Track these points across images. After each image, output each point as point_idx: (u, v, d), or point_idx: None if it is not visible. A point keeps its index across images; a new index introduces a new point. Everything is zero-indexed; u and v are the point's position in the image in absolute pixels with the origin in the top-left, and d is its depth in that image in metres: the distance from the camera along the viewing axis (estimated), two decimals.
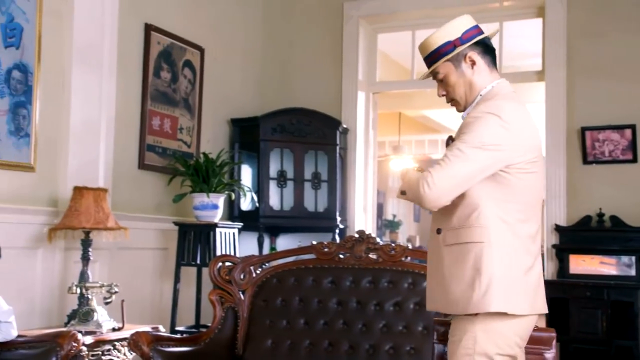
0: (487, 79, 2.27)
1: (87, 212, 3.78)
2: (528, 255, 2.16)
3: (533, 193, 2.20)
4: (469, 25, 2.29)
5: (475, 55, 2.26)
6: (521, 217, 2.16)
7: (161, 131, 4.92)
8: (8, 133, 3.81)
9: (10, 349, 3.12)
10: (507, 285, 2.10)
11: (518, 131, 2.13)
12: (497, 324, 2.10)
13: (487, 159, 2.10)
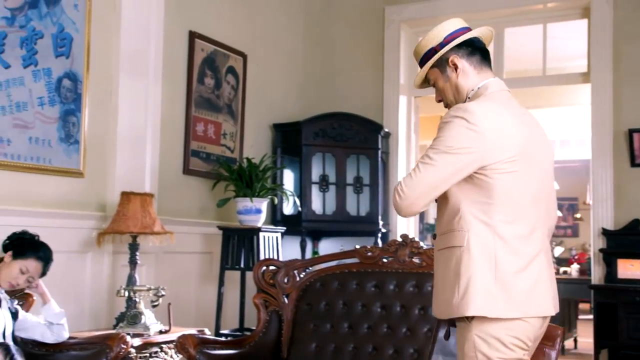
0: (474, 80, 2.23)
1: (134, 217, 3.85)
2: (516, 257, 2.08)
3: (519, 192, 2.12)
4: (452, 28, 2.25)
5: (458, 58, 2.23)
6: (505, 219, 2.09)
7: (205, 137, 4.99)
8: (59, 140, 3.91)
9: (62, 350, 3.20)
10: (486, 288, 2.05)
11: (488, 132, 2.06)
12: (491, 328, 2.06)
13: (455, 163, 2.07)
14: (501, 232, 2.09)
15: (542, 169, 2.21)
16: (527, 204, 2.14)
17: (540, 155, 2.21)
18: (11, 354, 2.87)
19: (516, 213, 2.12)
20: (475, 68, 2.24)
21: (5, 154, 3.63)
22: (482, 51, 2.26)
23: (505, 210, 2.10)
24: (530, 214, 2.15)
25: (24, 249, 3.13)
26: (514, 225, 2.11)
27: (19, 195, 3.71)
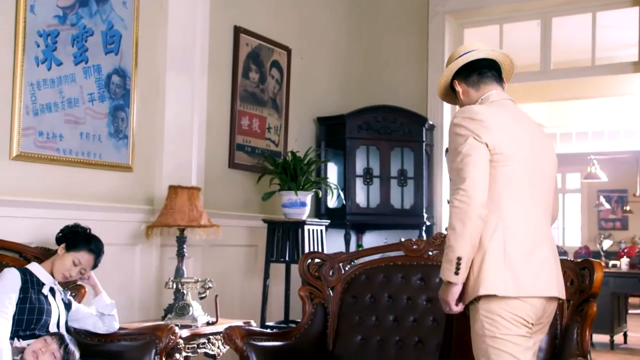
0: (474, 97, 2.52)
1: (181, 210, 3.91)
2: (521, 242, 2.31)
3: (520, 183, 2.35)
4: (455, 55, 2.56)
5: (457, 83, 2.55)
6: (510, 208, 2.33)
7: (250, 131, 5.04)
8: (108, 135, 4.00)
9: (113, 340, 3.28)
10: (494, 270, 2.27)
11: (492, 126, 2.34)
12: (494, 307, 2.26)
13: (480, 150, 2.31)
14: (507, 220, 2.30)
15: (542, 165, 2.45)
16: (530, 195, 2.37)
17: (541, 152, 2.45)
18: (65, 344, 2.95)
19: (520, 203, 2.34)
20: (474, 87, 2.52)
21: (58, 149, 3.73)
22: (479, 70, 2.52)
23: (509, 200, 2.32)
24: (532, 205, 2.37)
25: (76, 241, 3.22)
26: (519, 214, 2.32)
27: (71, 189, 3.80)
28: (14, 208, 3.48)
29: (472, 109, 2.40)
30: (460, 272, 2.27)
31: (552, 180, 2.51)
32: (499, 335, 2.26)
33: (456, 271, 2.28)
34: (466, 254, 2.26)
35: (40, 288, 3.08)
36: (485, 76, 2.53)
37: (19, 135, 3.52)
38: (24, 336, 2.95)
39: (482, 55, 2.54)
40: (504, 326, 2.26)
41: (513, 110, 2.49)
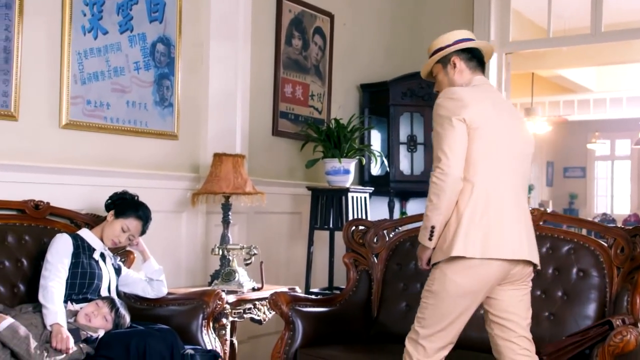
0: (467, 78, 2.72)
1: (226, 178, 3.94)
2: (482, 210, 2.52)
3: (491, 156, 2.56)
4: (461, 37, 2.77)
5: (458, 60, 2.73)
6: (478, 177, 2.54)
7: (293, 98, 5.03)
8: (154, 103, 4.04)
9: (161, 305, 3.35)
10: (457, 234, 2.51)
11: (469, 103, 2.53)
12: (456, 268, 2.51)
13: (457, 127, 2.52)
14: (482, 188, 2.52)
15: (517, 142, 2.67)
16: (504, 167, 2.59)
17: (516, 130, 2.69)
18: (116, 307, 3.03)
19: (495, 173, 2.56)
20: (470, 70, 2.73)
21: (105, 118, 3.78)
22: (478, 59, 2.76)
23: (485, 170, 2.54)
24: (506, 176, 2.59)
25: (125, 208, 3.28)
26: (493, 183, 2.55)
27: (118, 157, 3.87)
28: (65, 175, 3.55)
29: (451, 89, 2.62)
30: (433, 238, 2.56)
31: (528, 158, 2.76)
32: (446, 295, 2.53)
33: (430, 237, 2.56)
34: (439, 223, 2.54)
35: (91, 253, 3.16)
36: (480, 65, 2.77)
37: (67, 104, 3.59)
38: (77, 300, 3.04)
39: (481, 46, 2.80)
40: (455, 290, 2.52)
41: (492, 92, 2.76)
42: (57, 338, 2.75)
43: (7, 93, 3.32)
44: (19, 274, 3.15)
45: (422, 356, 2.59)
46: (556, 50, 7.82)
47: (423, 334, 2.60)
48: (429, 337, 2.59)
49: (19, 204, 3.28)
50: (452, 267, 2.52)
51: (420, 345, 2.60)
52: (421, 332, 2.60)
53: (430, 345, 2.59)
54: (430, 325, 2.58)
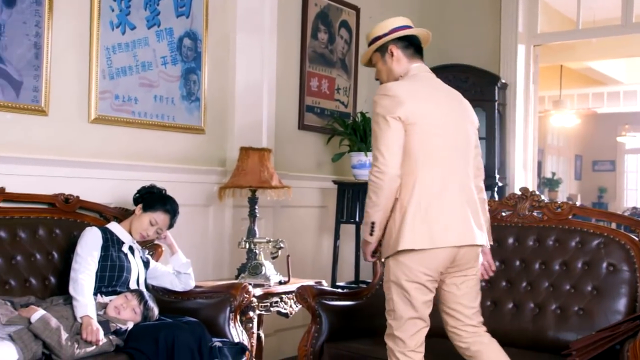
0: (405, 66, 2.76)
1: (253, 172, 3.95)
2: (424, 202, 2.58)
3: (431, 148, 2.62)
4: (397, 24, 2.78)
5: (395, 48, 2.76)
6: (419, 170, 2.60)
7: (319, 92, 5.03)
8: (181, 98, 4.07)
9: (189, 298, 3.38)
10: (402, 228, 2.58)
11: (405, 100, 2.59)
12: (407, 259, 2.58)
13: (392, 125, 2.59)
14: (423, 182, 2.59)
15: (459, 128, 2.72)
16: (446, 156, 2.64)
17: (457, 115, 2.74)
18: (145, 300, 3.06)
19: (435, 165, 2.61)
20: (408, 58, 2.76)
21: (133, 112, 3.82)
22: (416, 46, 2.80)
23: (425, 163, 2.60)
24: (448, 165, 2.64)
25: (152, 202, 3.31)
26: (434, 175, 2.60)
27: (146, 151, 3.90)
28: (94, 170, 3.60)
29: (387, 86, 2.67)
30: (374, 234, 2.65)
31: (471, 140, 2.78)
32: (404, 281, 2.60)
33: (371, 232, 2.65)
34: (379, 219, 2.62)
35: (120, 246, 3.19)
36: (418, 52, 2.80)
37: (96, 99, 3.62)
38: (106, 292, 3.08)
39: (418, 33, 2.82)
40: (411, 275, 2.59)
41: (431, 81, 2.78)
42: (87, 330, 2.79)
43: (37, 88, 3.37)
44: (50, 267, 3.20)
45: (402, 348, 2.65)
46: (585, 42, 7.71)
47: (396, 325, 2.66)
48: (403, 327, 2.64)
49: (50, 197, 3.33)
50: (403, 255, 2.59)
51: (398, 338, 2.65)
52: (394, 324, 2.66)
53: (405, 334, 2.64)
54: (401, 315, 2.64)
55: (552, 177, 12.94)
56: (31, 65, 3.34)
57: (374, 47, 2.80)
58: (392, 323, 2.67)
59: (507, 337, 3.12)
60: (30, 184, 3.29)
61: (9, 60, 3.26)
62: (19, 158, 3.29)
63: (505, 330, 3.15)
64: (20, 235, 3.15)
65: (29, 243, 3.16)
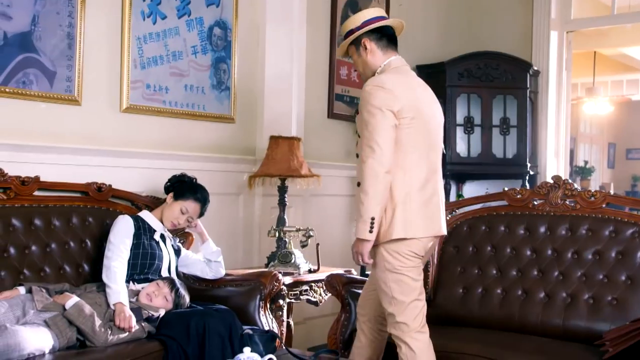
0: (380, 58, 2.81)
1: (282, 161, 3.96)
2: (422, 191, 2.71)
3: (416, 142, 2.71)
4: (369, 16, 2.82)
5: (368, 41, 2.81)
6: (406, 163, 2.69)
7: (348, 80, 5.01)
8: (211, 87, 4.09)
9: (219, 285, 3.41)
10: (402, 218, 2.68)
11: (400, 95, 2.67)
12: (398, 247, 2.69)
13: (387, 118, 2.64)
14: (412, 175, 2.69)
15: (434, 123, 2.82)
16: (428, 150, 2.75)
17: (432, 111, 2.82)
18: (176, 287, 3.09)
19: (421, 159, 2.71)
20: (382, 50, 2.82)
21: (164, 102, 3.85)
22: (389, 37, 2.84)
23: (412, 157, 2.69)
24: (428, 159, 2.75)
25: (183, 191, 3.33)
26: (421, 168, 2.71)
27: (177, 140, 3.93)
28: (125, 159, 3.64)
29: (381, 79, 2.71)
30: (374, 230, 2.64)
31: (441, 136, 2.90)
32: (398, 267, 2.68)
33: (370, 229, 2.63)
34: (378, 213, 2.63)
35: (151, 234, 3.23)
36: (392, 42, 2.85)
37: (128, 88, 3.66)
38: (139, 280, 3.12)
39: (391, 23, 2.86)
40: (404, 260, 2.68)
41: (411, 76, 2.86)
42: (120, 317, 2.83)
43: (70, 78, 3.41)
44: (83, 254, 3.25)
45: (408, 331, 2.69)
46: (620, 27, 7.57)
47: (398, 311, 2.70)
48: (405, 312, 2.69)
49: (83, 186, 3.37)
50: (395, 243, 2.68)
51: (401, 323, 2.69)
52: (396, 311, 2.70)
53: (408, 318, 2.69)
54: (402, 300, 2.69)
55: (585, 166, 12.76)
56: (64, 56, 3.38)
57: (348, 41, 2.85)
58: (394, 311, 2.71)
59: (539, 327, 3.11)
60: (64, 173, 3.34)
61: (43, 51, 3.31)
62: (53, 147, 3.34)
63: (536, 320, 3.13)
64: (55, 223, 3.20)
65: (63, 231, 3.21)
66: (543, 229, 3.33)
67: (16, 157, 3.19)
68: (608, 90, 11.65)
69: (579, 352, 2.85)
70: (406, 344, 2.69)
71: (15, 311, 2.73)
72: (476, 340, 2.98)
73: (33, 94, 3.28)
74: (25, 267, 3.04)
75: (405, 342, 2.69)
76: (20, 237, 3.06)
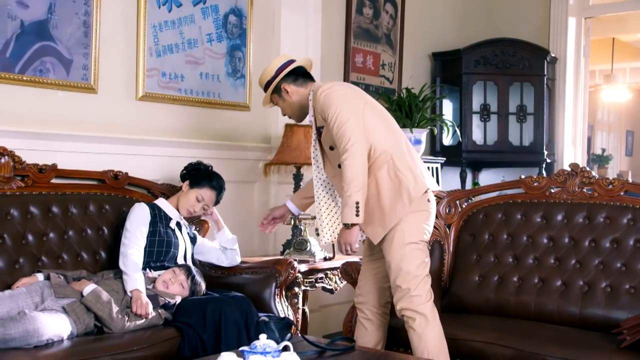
0: (305, 91, 2.99)
1: (297, 148, 3.95)
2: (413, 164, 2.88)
3: (384, 124, 2.90)
4: (280, 63, 3.02)
5: (287, 84, 3.00)
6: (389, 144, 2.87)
7: (364, 68, 4.99)
8: (226, 75, 4.09)
9: (235, 273, 3.42)
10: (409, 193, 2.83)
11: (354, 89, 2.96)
12: (416, 220, 2.84)
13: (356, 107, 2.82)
14: (394, 154, 2.83)
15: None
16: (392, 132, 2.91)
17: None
18: (192, 275, 3.11)
19: (390, 140, 2.85)
20: (302, 86, 3.00)
21: (180, 90, 3.85)
22: (303, 74, 3.03)
23: (381, 139, 2.83)
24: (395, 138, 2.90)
25: (199, 178, 3.34)
26: (391, 150, 2.84)
27: (192, 128, 3.94)
28: (142, 147, 3.65)
29: (328, 86, 2.86)
30: (360, 214, 2.73)
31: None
32: (420, 240, 2.82)
33: (357, 213, 2.73)
34: (361, 198, 2.73)
35: (167, 222, 3.24)
36: (308, 77, 3.04)
37: (143, 76, 3.67)
38: (155, 267, 3.14)
39: (301, 63, 3.05)
40: (424, 233, 2.85)
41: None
42: (137, 303, 2.85)
43: (87, 66, 3.42)
44: (100, 242, 3.28)
45: (421, 302, 2.78)
46: (639, 13, 7.47)
47: (413, 285, 2.78)
48: (419, 285, 2.79)
49: (100, 174, 3.39)
50: (411, 216, 2.80)
51: (415, 296, 2.78)
52: (411, 285, 2.78)
53: (422, 290, 2.80)
54: (417, 274, 2.79)
55: (602, 154, 12.65)
56: (80, 44, 3.39)
57: (270, 91, 3.03)
58: (409, 285, 2.78)
59: (556, 315, 3.09)
60: (81, 161, 3.36)
61: (60, 39, 3.32)
62: (70, 135, 3.36)
63: (553, 309, 3.11)
64: (72, 211, 3.22)
65: (80, 218, 3.23)
66: (560, 217, 3.31)
67: (33, 145, 3.22)
68: (626, 77, 11.50)
69: (596, 340, 2.83)
70: (420, 314, 2.79)
71: (33, 297, 2.76)
72: (492, 329, 2.97)
73: (50, 82, 3.30)
74: (43, 254, 3.07)
75: (419, 312, 2.79)
76: (38, 224, 3.09)
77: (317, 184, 3.00)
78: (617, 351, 2.67)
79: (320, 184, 3.00)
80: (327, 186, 2.99)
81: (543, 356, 2.72)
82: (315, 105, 2.88)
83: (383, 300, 3.03)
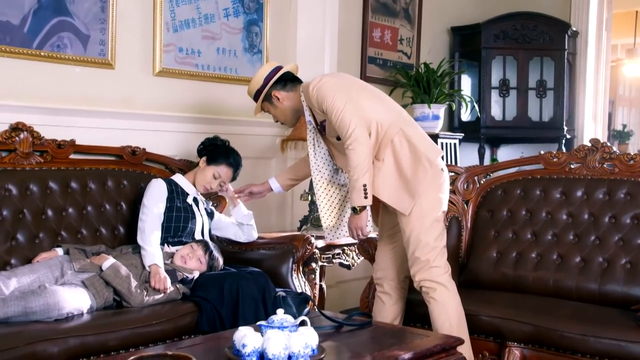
0: (295, 95, 3.04)
1: None
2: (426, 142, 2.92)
3: (381, 106, 2.91)
4: (266, 73, 3.06)
5: (277, 91, 3.05)
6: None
7: (382, 43, 4.95)
8: (243, 50, 4.06)
9: (252, 249, 3.43)
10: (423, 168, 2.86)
11: (347, 77, 3.01)
12: (435, 195, 2.87)
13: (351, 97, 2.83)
14: (397, 138, 2.84)
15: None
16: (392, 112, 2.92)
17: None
18: (210, 250, 3.12)
19: (395, 111, 2.91)
20: (291, 91, 3.05)
21: (197, 65, 3.84)
22: (291, 79, 3.08)
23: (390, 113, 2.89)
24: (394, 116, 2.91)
25: (216, 155, 3.34)
26: (405, 121, 2.91)
27: (209, 103, 3.93)
28: (159, 122, 3.65)
29: (317, 80, 2.87)
30: (368, 195, 2.76)
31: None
32: (432, 211, 2.83)
33: (365, 196, 2.76)
34: (368, 180, 2.76)
35: (184, 198, 3.25)
36: (296, 81, 3.08)
37: (160, 52, 3.66)
38: (173, 242, 3.15)
39: (288, 69, 3.10)
40: (441, 204, 2.88)
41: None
42: (156, 278, 2.87)
43: (104, 42, 3.42)
44: (119, 217, 3.30)
45: (440, 272, 2.83)
46: None
47: (433, 257, 2.82)
48: (438, 256, 2.83)
49: (117, 149, 3.40)
50: (428, 188, 2.81)
51: (434, 267, 2.82)
52: (431, 257, 2.82)
53: (441, 261, 2.84)
54: (436, 245, 2.83)
55: (623, 130, 12.50)
56: (97, 19, 3.38)
57: (260, 100, 3.07)
58: (429, 257, 2.82)
59: (574, 292, 3.08)
60: (98, 137, 3.37)
61: (77, 14, 3.31)
62: (88, 111, 3.37)
63: (572, 285, 3.09)
64: (91, 186, 3.24)
65: (99, 194, 3.25)
66: (580, 193, 3.27)
67: (52, 120, 3.23)
68: None
69: (615, 317, 2.81)
70: (441, 284, 2.83)
71: (54, 272, 2.79)
72: (510, 305, 2.97)
73: (67, 57, 3.30)
74: (62, 229, 3.10)
75: (440, 283, 2.83)
76: (57, 199, 3.11)
77: (317, 184, 3.01)
78: (637, 327, 2.66)
79: (321, 184, 3.01)
80: (328, 186, 3.02)
81: (561, 332, 2.71)
82: (310, 102, 2.90)
83: (402, 275, 3.06)
